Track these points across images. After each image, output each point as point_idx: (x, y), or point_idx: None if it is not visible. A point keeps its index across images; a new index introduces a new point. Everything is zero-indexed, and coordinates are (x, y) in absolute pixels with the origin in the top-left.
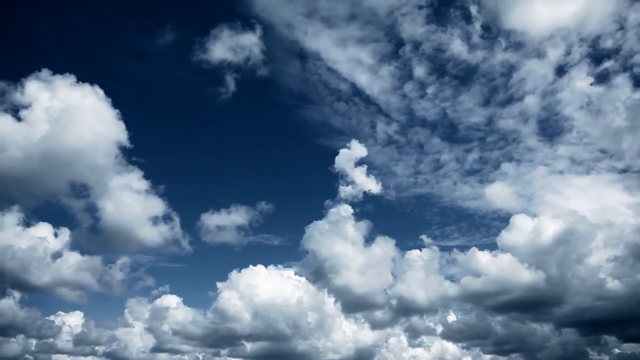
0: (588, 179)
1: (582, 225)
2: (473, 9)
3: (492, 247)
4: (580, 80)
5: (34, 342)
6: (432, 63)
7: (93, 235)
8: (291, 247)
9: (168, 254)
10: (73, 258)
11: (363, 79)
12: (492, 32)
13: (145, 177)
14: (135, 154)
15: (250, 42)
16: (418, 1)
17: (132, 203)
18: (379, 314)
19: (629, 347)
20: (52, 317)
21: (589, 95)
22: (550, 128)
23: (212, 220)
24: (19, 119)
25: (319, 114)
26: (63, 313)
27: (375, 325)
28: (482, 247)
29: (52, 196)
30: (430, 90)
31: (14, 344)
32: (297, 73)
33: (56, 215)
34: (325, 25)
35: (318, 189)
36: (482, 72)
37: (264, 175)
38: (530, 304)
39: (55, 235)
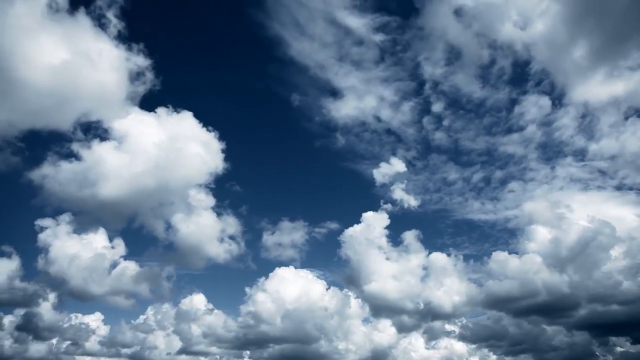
0: (592, 195)
1: (600, 233)
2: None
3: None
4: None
5: (54, 342)
6: (448, 98)
7: (166, 251)
8: (319, 253)
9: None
10: (129, 267)
11: (386, 113)
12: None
13: (218, 197)
14: (227, 180)
15: None
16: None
17: (203, 222)
18: (404, 318)
19: (635, 348)
20: (69, 319)
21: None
22: (551, 152)
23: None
24: (117, 148)
25: (345, 142)
26: (80, 315)
27: (398, 328)
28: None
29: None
30: (445, 122)
31: (40, 345)
32: (327, 106)
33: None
34: (355, 67)
35: (347, 203)
36: (489, 105)
37: (299, 194)
38: (547, 309)
39: (112, 246)
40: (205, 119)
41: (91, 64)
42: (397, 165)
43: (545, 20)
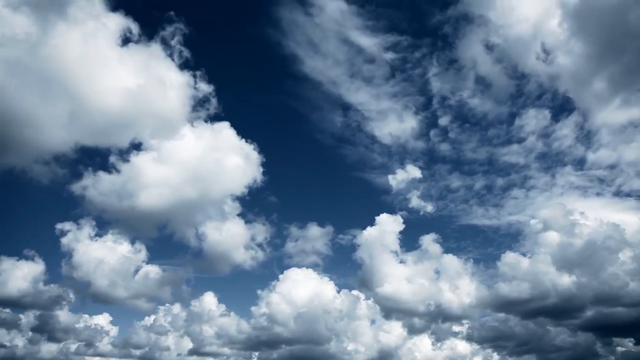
0: (592, 201)
1: (608, 237)
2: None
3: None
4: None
5: (64, 343)
6: (454, 112)
7: (193, 257)
8: (338, 258)
9: None
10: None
11: (394, 127)
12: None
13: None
14: (263, 190)
15: None
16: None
17: (232, 230)
18: (415, 320)
19: (637, 349)
20: (84, 320)
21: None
22: (551, 160)
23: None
24: (159, 160)
25: (355, 153)
26: (87, 316)
27: (409, 330)
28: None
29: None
30: (451, 135)
31: (51, 347)
32: (339, 120)
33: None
34: (366, 83)
35: (364, 210)
36: (492, 118)
37: (317, 200)
38: (555, 310)
39: (137, 250)
40: (243, 132)
41: (159, 90)
42: (413, 171)
43: (571, 55)
